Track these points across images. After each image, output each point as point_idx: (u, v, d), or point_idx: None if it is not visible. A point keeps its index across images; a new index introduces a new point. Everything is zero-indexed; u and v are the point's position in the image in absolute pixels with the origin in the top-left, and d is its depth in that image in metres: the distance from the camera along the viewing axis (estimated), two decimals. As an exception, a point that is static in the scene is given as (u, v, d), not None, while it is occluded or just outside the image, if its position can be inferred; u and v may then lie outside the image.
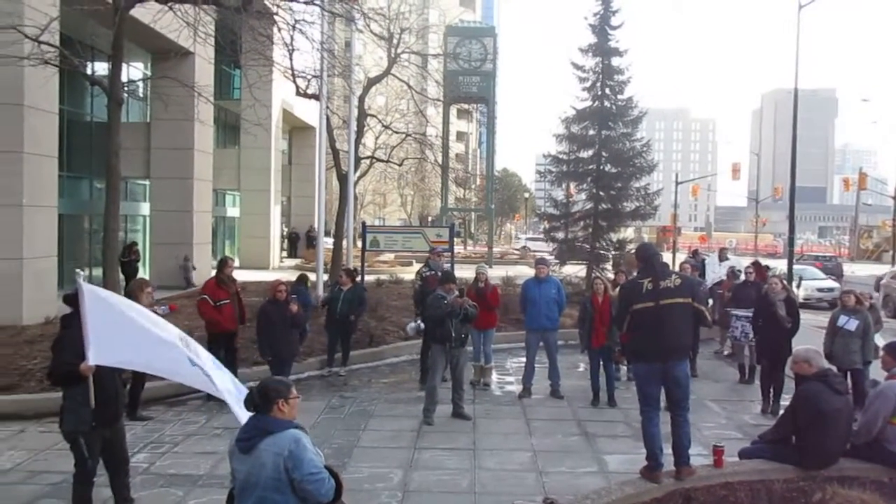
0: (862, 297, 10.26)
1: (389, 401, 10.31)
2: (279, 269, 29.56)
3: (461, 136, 78.13)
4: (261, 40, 14.40)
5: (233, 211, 33.61)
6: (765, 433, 6.85)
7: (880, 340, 9.70)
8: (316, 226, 21.10)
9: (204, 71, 20.98)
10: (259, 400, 4.06)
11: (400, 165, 29.11)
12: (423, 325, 10.73)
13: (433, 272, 11.44)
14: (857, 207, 67.00)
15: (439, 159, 28.52)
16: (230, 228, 33.75)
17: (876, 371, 7.89)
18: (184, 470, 7.35)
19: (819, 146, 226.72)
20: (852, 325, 9.67)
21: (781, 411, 7.66)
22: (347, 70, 18.87)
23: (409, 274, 26.81)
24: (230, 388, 4.85)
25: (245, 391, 4.61)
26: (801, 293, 23.57)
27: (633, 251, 7.76)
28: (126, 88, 15.21)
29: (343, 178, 19.12)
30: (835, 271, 34.40)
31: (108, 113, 12.09)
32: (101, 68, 20.70)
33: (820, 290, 25.32)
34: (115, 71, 11.88)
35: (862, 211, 68.89)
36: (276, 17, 13.76)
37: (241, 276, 11.36)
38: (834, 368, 8.67)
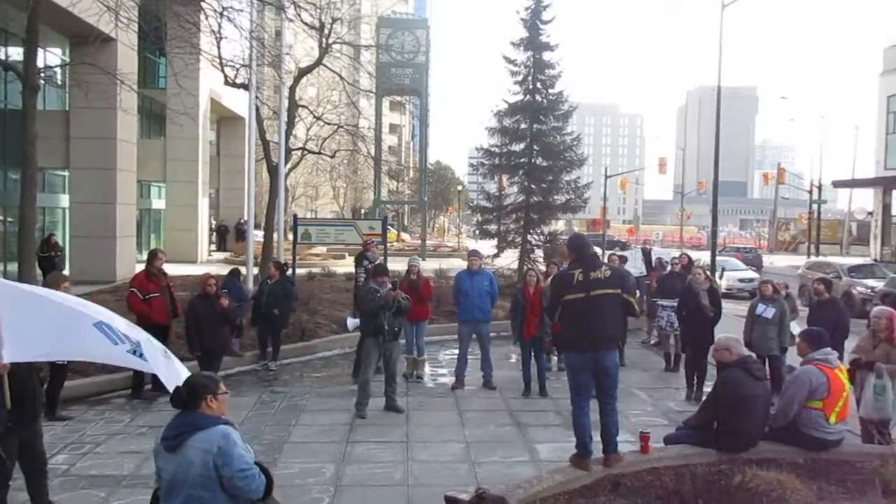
0: (778, 287, 10.69)
1: (321, 395, 10.23)
2: (208, 263, 28.88)
3: (394, 128, 77.85)
4: (187, 27, 14.02)
5: (158, 203, 32.66)
6: (688, 419, 7.07)
7: (796, 328, 10.15)
8: (246, 218, 20.70)
9: (127, 58, 20.27)
10: (186, 396, 3.97)
11: (332, 157, 28.76)
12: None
13: (371, 264, 11.40)
14: (775, 201, 69.73)
15: (372, 151, 28.38)
16: (156, 221, 32.78)
17: (792, 357, 8.23)
18: (106, 470, 7.13)
19: (740, 142, 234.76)
20: (769, 313, 10.07)
21: (704, 397, 7.91)
22: (277, 60, 18.54)
23: (341, 267, 26.65)
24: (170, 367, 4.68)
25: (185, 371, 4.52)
26: (723, 283, 24.38)
27: (565, 242, 7.87)
28: (42, 75, 14.58)
29: (273, 170, 18.80)
30: (755, 262, 35.72)
31: (22, 100, 11.56)
32: (15, 53, 19.77)
33: (741, 280, 26.26)
34: (29, 56, 11.37)
35: (780, 204, 71.70)
36: (202, 3, 13.42)
37: (167, 269, 11.06)
38: (753, 355, 9.02)
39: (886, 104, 43.96)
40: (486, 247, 22.63)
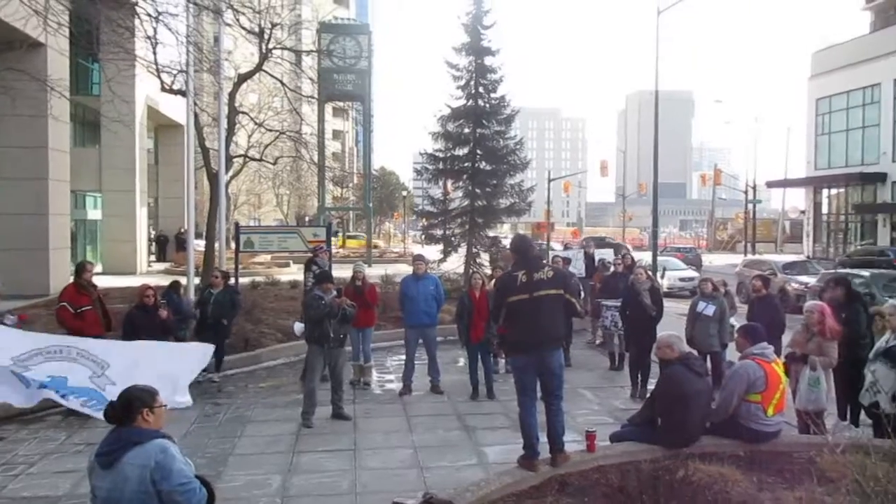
0: (718, 285, 10.96)
1: (266, 405, 10.07)
2: (147, 274, 28.17)
3: (337, 134, 77.32)
4: (120, 32, 13.64)
5: (94, 213, 31.71)
6: (633, 416, 7.18)
7: (735, 324, 10.38)
8: (186, 228, 20.27)
9: (57, 64, 19.64)
10: (120, 410, 3.84)
11: (274, 164, 28.46)
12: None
13: (322, 269, 11.28)
14: (713, 202, 71.54)
15: (315, 158, 28.10)
16: (91, 232, 31.82)
17: (733, 353, 8.42)
18: (40, 491, 6.86)
19: (679, 145, 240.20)
20: (710, 310, 10.31)
21: (649, 395, 8.04)
22: (216, 66, 18.21)
23: (286, 275, 26.35)
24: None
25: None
26: (664, 283, 24.88)
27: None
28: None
29: (214, 178, 18.46)
30: (694, 262, 36.60)
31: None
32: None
33: (682, 279, 26.86)
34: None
35: (717, 205, 73.52)
36: (136, 7, 13.09)
37: (105, 281, 10.74)
38: (695, 352, 9.22)
39: (815, 107, 45.62)
40: (432, 251, 22.63)
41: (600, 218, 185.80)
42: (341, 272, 17.16)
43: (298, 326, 11.39)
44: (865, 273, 18.90)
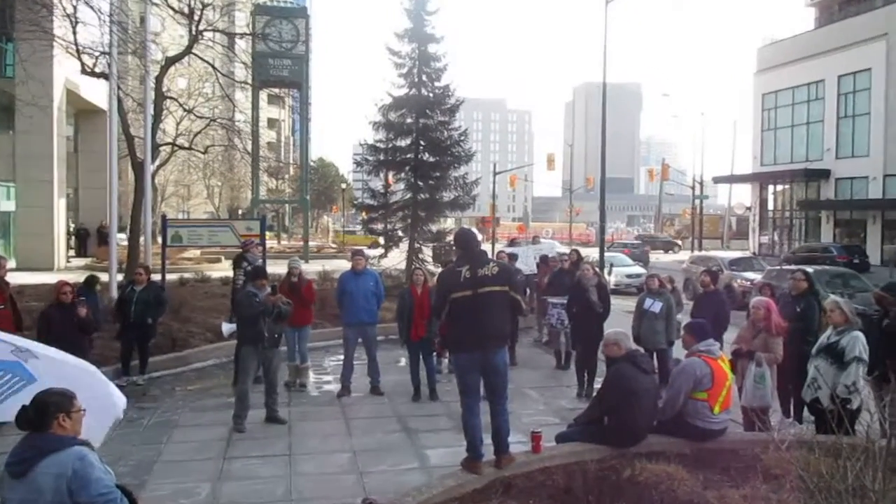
0: (664, 281, 11.20)
1: (195, 409, 9.89)
2: (66, 270, 27.30)
3: (273, 123, 76.27)
4: (37, 10, 13.20)
5: (7, 205, 30.54)
6: (579, 416, 7.27)
7: (683, 321, 10.63)
8: (108, 221, 19.71)
9: (-35, 43, 18.88)
10: (34, 416, 3.70)
11: (204, 153, 27.95)
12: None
13: (251, 266, 11.09)
14: (660, 197, 73.18)
15: (248, 147, 27.66)
16: (3, 225, 30.66)
17: (680, 351, 8.62)
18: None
19: (626, 139, 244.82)
20: (656, 307, 10.53)
21: (595, 393, 8.17)
22: (142, 47, 17.79)
23: (217, 271, 25.89)
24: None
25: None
26: (612, 279, 25.32)
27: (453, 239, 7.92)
28: None
29: (139, 167, 18.01)
30: (642, 258, 37.29)
31: None
32: None
33: (629, 276, 27.33)
34: None
35: (665, 200, 75.30)
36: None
37: (19, 278, 10.32)
38: (641, 349, 9.40)
39: (761, 102, 47.05)
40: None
41: (547, 213, 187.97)
42: (276, 268, 16.96)
43: (227, 327, 11.20)
44: (809, 269, 19.55)
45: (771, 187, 47.48)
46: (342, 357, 10.94)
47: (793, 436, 5.79)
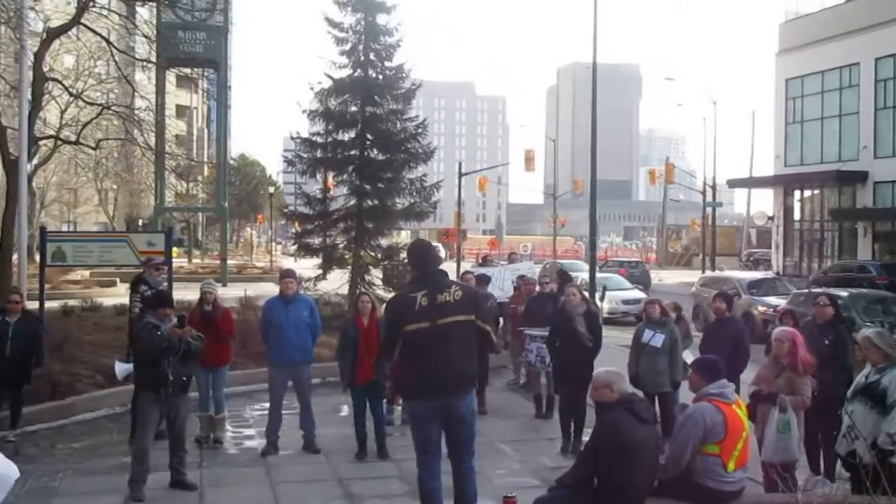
0: (668, 308, 11.32)
1: (82, 472, 9.78)
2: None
3: (183, 111, 75.58)
4: None
5: None
6: (563, 476, 7.27)
7: (690, 357, 10.74)
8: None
9: None
10: None
11: (96, 149, 27.60)
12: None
13: (151, 289, 10.98)
14: (664, 204, 74.01)
15: (151, 141, 27.43)
16: None
17: (686, 394, 8.70)
18: None
19: (623, 133, 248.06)
20: (658, 340, 10.62)
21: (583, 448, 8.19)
22: (17, 16, 17.59)
23: (110, 297, 25.57)
24: None
25: None
26: (605, 306, 25.52)
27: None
28: None
29: (12, 167, 17.77)
30: (642, 280, 37.69)
31: None
32: None
33: (626, 301, 27.61)
34: None
35: (670, 208, 76.19)
36: None
37: None
38: (640, 393, 9.47)
39: (785, 89, 47.86)
40: (308, 266, 22.43)
41: (526, 224, 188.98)
42: (185, 293, 16.80)
43: (121, 368, 11.04)
44: (843, 293, 19.96)
45: (797, 193, 48.24)
46: (268, 405, 10.85)
47: (821, 497, 5.87)
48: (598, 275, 25.37)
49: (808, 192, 47.61)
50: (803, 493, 6.68)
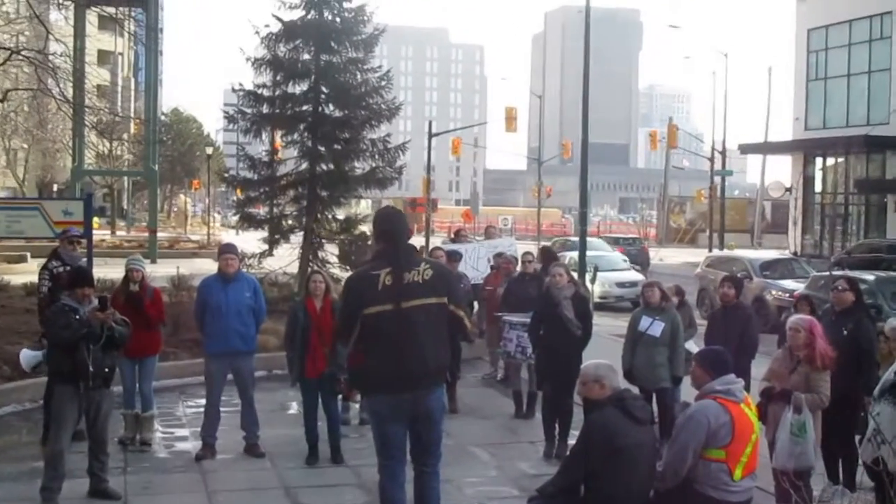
0: (668, 293, 11.38)
1: (-16, 478, 9.70)
2: None
3: (106, 57, 74.77)
4: None
5: None
6: (545, 485, 7.33)
7: (694, 348, 10.82)
8: None
9: None
10: None
11: (3, 101, 27.29)
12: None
13: (66, 267, 10.90)
14: (666, 172, 74.25)
15: (69, 93, 27.13)
16: None
17: (688, 390, 8.78)
18: None
19: (620, 89, 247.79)
20: (657, 329, 10.68)
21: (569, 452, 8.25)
22: None
23: (19, 275, 25.36)
24: None
25: None
26: (596, 289, 25.63)
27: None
28: None
29: None
30: (639, 259, 37.84)
31: None
32: None
33: (620, 284, 27.72)
34: None
35: (672, 177, 76.49)
36: None
37: None
38: (635, 389, 9.53)
39: (806, 41, 48.00)
40: (251, 240, 22.35)
41: (506, 193, 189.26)
42: (107, 271, 16.73)
43: (28, 356, 10.95)
44: (869, 276, 20.15)
45: (819, 161, 48.50)
46: (203, 402, 10.84)
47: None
48: (589, 253, 25.45)
49: (831, 160, 47.84)
50: (820, 505, 6.76)
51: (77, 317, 8.74)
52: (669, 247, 63.59)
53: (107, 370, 8.96)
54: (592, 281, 24.32)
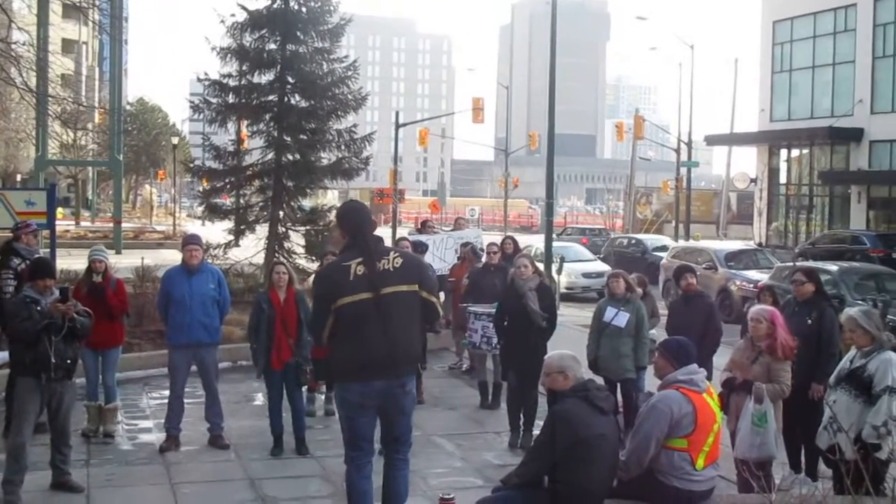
0: (634, 283, 11.44)
1: (-56, 472, 9.61)
2: None
3: (70, 46, 74.07)
4: None
5: None
6: (509, 475, 7.36)
7: (658, 337, 10.89)
8: None
9: None
10: None
11: (-37, 90, 26.96)
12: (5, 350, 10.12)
13: (27, 261, 10.81)
14: (632, 163, 74.42)
15: (32, 82, 26.87)
16: None
17: (652, 380, 8.83)
18: None
19: (587, 80, 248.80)
20: (621, 319, 10.74)
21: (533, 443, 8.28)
22: None
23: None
24: None
25: None
26: (563, 280, 25.73)
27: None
28: None
29: None
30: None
31: None
32: None
33: (586, 274, 27.82)
34: None
35: (639, 168, 76.63)
36: None
37: None
38: (599, 379, 9.59)
39: (772, 32, 48.35)
40: (217, 231, 22.24)
41: (473, 184, 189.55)
42: (71, 262, 16.59)
43: None
44: (832, 267, 20.35)
45: (783, 152, 48.87)
46: (167, 393, 10.79)
47: (797, 498, 6.02)
48: (555, 244, 25.52)
49: (795, 152, 48.25)
50: (777, 494, 6.83)
51: (38, 308, 8.69)
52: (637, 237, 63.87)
53: (69, 362, 8.89)
54: (559, 272, 24.42)
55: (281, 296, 10.38)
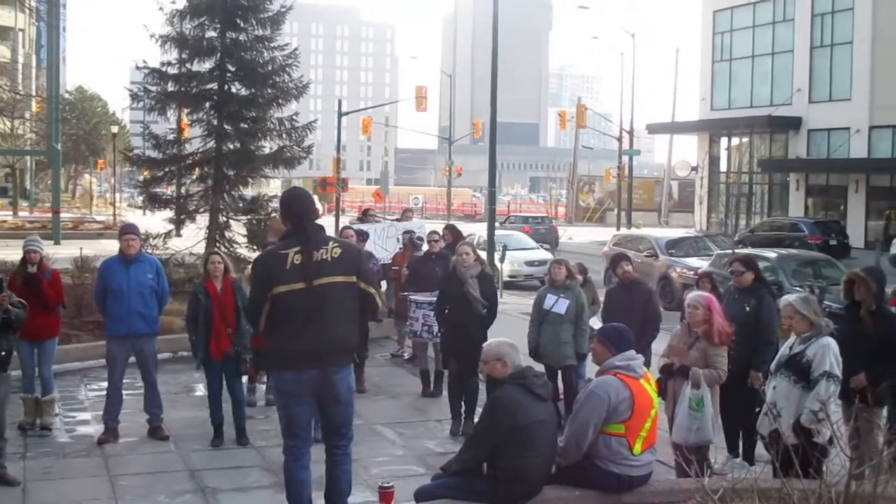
0: (575, 270, 11.52)
1: None
2: None
3: (6, 33, 72.97)
4: None
5: None
6: (449, 462, 7.39)
7: (597, 324, 11.00)
8: None
9: None
10: None
11: None
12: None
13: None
14: (575, 151, 75.15)
15: (-35, 69, 26.50)
16: None
17: (593, 367, 8.91)
18: None
19: (530, 69, 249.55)
20: (561, 306, 10.81)
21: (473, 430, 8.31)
22: None
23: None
24: None
25: None
26: (505, 268, 25.85)
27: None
28: None
29: None
30: (548, 238, 38.23)
31: None
32: None
33: (529, 262, 27.99)
34: None
35: (582, 157, 77.32)
36: None
37: None
38: (540, 367, 9.65)
39: (712, 21, 48.91)
40: (158, 221, 22.03)
41: (417, 173, 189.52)
42: (8, 252, 16.35)
43: None
44: (771, 254, 20.67)
45: (724, 140, 49.52)
46: (106, 385, 10.68)
47: (730, 482, 6.10)
48: (497, 232, 25.60)
49: (735, 140, 48.91)
50: (710, 479, 6.93)
51: (-30, 300, 8.56)
52: (579, 225, 64.40)
53: (3, 353, 8.77)
54: (501, 260, 24.52)
55: (217, 285, 10.31)
